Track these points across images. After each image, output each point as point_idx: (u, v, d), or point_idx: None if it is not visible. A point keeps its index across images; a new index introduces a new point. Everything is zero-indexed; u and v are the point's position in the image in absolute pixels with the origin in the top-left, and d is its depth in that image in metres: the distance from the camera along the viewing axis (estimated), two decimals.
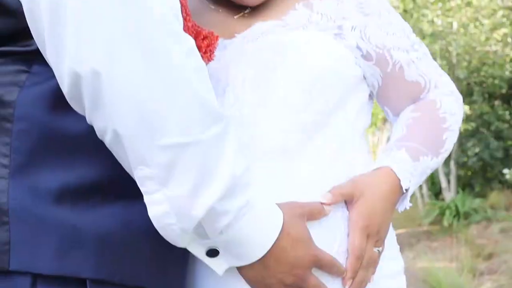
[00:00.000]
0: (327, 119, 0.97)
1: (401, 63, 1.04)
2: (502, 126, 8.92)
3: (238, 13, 1.06)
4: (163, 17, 0.64)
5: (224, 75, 0.98)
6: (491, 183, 9.01)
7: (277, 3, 1.05)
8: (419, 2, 7.92)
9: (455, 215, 8.00)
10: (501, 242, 6.91)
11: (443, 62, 8.46)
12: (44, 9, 0.62)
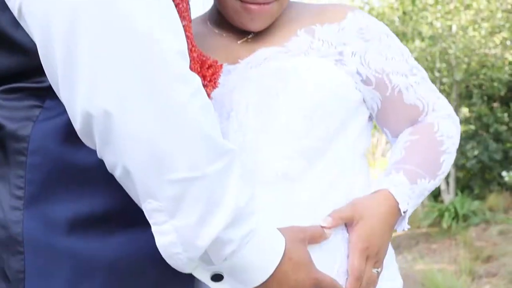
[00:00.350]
0: (328, 145, 1.00)
1: (400, 87, 1.07)
2: (501, 128, 8.94)
3: (241, 38, 1.09)
4: (171, 60, 0.66)
5: (228, 100, 1.01)
6: (490, 185, 9.01)
7: (279, 29, 1.08)
8: (418, 4, 7.93)
9: (454, 217, 8.02)
10: (499, 244, 6.93)
11: (443, 65, 8.48)
12: (58, 52, 0.65)
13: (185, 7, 0.83)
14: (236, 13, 1.04)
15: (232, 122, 0.99)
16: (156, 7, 0.67)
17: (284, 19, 1.09)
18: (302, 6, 1.13)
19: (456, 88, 8.58)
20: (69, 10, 0.63)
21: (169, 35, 0.67)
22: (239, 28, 1.07)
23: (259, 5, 1.02)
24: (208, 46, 1.08)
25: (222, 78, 0.99)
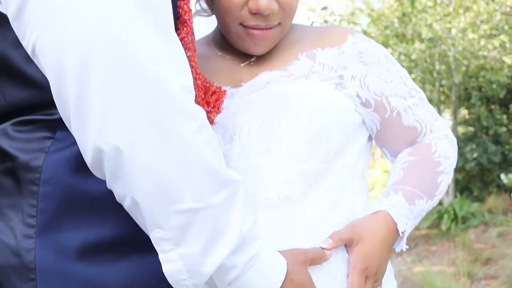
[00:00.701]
0: (328, 167, 1.03)
1: (398, 109, 1.10)
2: (500, 130, 8.96)
3: (244, 61, 1.12)
4: (177, 97, 0.69)
5: (232, 123, 1.04)
6: (489, 187, 9.03)
7: (281, 53, 1.11)
8: (418, 6, 7.95)
9: (453, 219, 8.05)
10: (498, 247, 6.96)
11: (442, 67, 8.50)
12: (71, 91, 0.68)
13: (190, 38, 0.86)
14: (239, 37, 1.06)
15: (235, 146, 1.02)
16: (163, 47, 0.70)
17: (286, 42, 1.12)
18: (303, 29, 1.16)
19: (455, 90, 8.60)
20: (82, 52, 0.66)
21: (176, 73, 0.70)
22: (242, 51, 1.10)
23: (261, 30, 1.04)
24: (212, 68, 1.11)
25: (226, 101, 1.02)
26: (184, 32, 0.83)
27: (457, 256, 7.02)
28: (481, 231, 7.71)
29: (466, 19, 8.13)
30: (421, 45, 8.17)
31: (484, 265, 6.51)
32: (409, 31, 8.09)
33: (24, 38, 0.70)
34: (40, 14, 0.67)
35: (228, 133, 1.03)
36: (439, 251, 7.52)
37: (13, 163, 0.76)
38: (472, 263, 6.57)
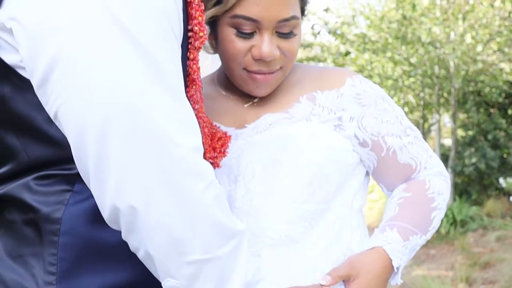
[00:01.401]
0: (327, 206, 1.09)
1: (394, 148, 1.16)
2: (499, 135, 9.00)
3: (247, 101, 1.18)
4: (188, 159, 0.75)
5: (236, 164, 1.10)
6: (487, 191, 9.07)
7: (283, 94, 1.17)
8: (418, 10, 8.00)
9: (452, 222, 8.09)
10: (497, 251, 7.00)
11: (441, 71, 8.55)
12: (91, 154, 0.74)
13: (199, 95, 0.92)
14: (243, 80, 1.12)
15: (240, 187, 1.08)
16: (174, 111, 0.75)
17: (287, 83, 1.18)
18: (303, 69, 1.22)
19: (454, 94, 8.66)
20: (101, 120, 0.72)
21: (186, 135, 0.76)
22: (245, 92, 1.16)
23: (264, 75, 1.10)
24: (217, 108, 1.17)
25: (230, 142, 1.08)
26: (193, 90, 0.89)
27: (456, 260, 7.08)
28: (480, 235, 7.76)
29: (465, 24, 8.18)
30: (421, 49, 8.22)
31: (482, 270, 6.56)
32: (409, 35, 8.14)
33: (47, 104, 0.76)
34: (62, 85, 0.73)
35: (232, 173, 1.09)
36: (438, 254, 7.57)
37: (35, 215, 0.82)
38: (470, 267, 6.62)
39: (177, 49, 0.81)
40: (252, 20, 1.05)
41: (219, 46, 1.12)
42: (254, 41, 1.07)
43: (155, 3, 0.75)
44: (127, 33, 0.72)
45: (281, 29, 1.08)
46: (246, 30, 1.06)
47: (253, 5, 1.04)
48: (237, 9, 1.05)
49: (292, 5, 1.07)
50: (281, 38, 1.09)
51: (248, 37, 1.07)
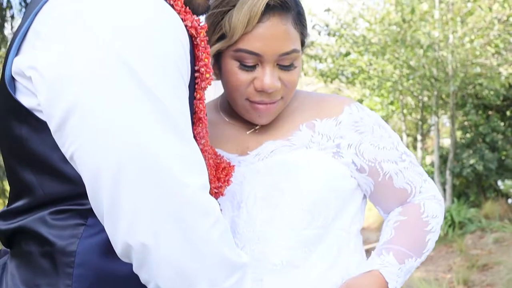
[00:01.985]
0: (326, 231, 1.14)
1: (390, 174, 1.21)
2: (497, 137, 9.04)
3: (250, 128, 1.23)
4: (195, 198, 0.80)
5: (239, 190, 1.14)
6: (486, 193, 9.12)
7: (283, 122, 1.21)
8: (417, 14, 8.04)
9: (450, 224, 8.14)
10: (495, 253, 7.05)
11: (440, 74, 8.60)
12: (105, 194, 0.78)
13: (205, 131, 0.97)
14: (245, 110, 1.17)
15: (243, 213, 1.13)
16: (182, 153, 0.80)
17: (288, 110, 1.23)
18: (304, 97, 1.26)
19: (453, 97, 8.70)
20: (114, 164, 0.77)
21: (194, 175, 0.81)
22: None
23: (265, 105, 1.15)
24: (220, 135, 1.22)
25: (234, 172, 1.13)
26: (200, 128, 0.94)
27: (454, 262, 7.13)
28: (478, 236, 7.81)
29: (464, 29, 8.22)
30: (420, 51, 8.27)
31: (480, 272, 6.61)
32: (408, 38, 8.19)
33: (63, 147, 0.81)
34: (78, 131, 0.78)
35: (235, 200, 1.14)
36: (436, 256, 7.62)
37: (51, 248, 0.86)
38: (468, 269, 6.67)
39: (185, 92, 0.86)
40: (255, 54, 1.10)
41: (222, 77, 1.17)
42: (256, 73, 1.12)
43: (165, 52, 0.80)
44: (139, 82, 0.77)
45: (282, 61, 1.12)
46: (248, 63, 1.11)
47: (255, 40, 1.09)
48: (240, 44, 1.10)
49: (293, 40, 1.12)
50: (282, 70, 1.13)
51: (250, 69, 1.12)
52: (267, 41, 1.09)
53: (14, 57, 0.84)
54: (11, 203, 0.94)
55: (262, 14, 1.09)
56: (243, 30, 1.09)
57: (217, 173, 1.05)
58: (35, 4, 0.85)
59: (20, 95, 0.84)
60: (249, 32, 1.09)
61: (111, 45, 0.77)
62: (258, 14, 1.08)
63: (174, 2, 0.89)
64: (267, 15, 1.09)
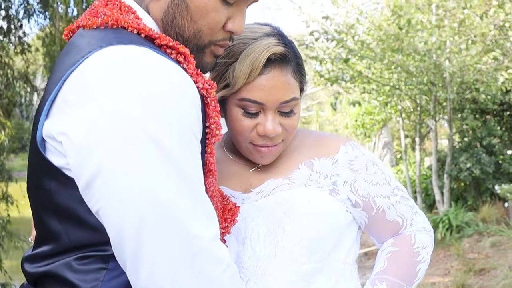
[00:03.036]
0: (324, 264, 1.24)
1: (383, 208, 1.30)
2: (494, 141, 9.13)
3: (253, 167, 1.33)
4: (208, 248, 0.90)
5: (243, 227, 1.24)
6: (483, 196, 9.20)
7: (284, 160, 1.31)
8: (414, 25, 8.12)
9: (448, 228, 8.22)
10: (491, 257, 7.14)
11: (437, 79, 8.68)
12: (128, 246, 0.88)
13: (214, 180, 1.06)
14: (248, 152, 1.27)
15: (247, 249, 1.23)
16: (196, 207, 0.90)
17: (288, 150, 1.33)
18: (303, 135, 1.36)
19: (450, 103, 8.80)
20: (137, 219, 0.86)
21: (206, 226, 0.91)
22: None
23: (267, 148, 1.25)
24: (226, 172, 1.32)
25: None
26: (210, 179, 1.04)
27: (452, 266, 7.23)
28: (475, 240, 7.89)
29: (460, 35, 8.31)
30: (417, 57, 8.36)
31: (477, 276, 6.71)
32: (405, 44, 8.28)
33: (90, 203, 0.91)
34: (104, 191, 0.87)
35: (240, 235, 1.24)
36: (434, 260, 7.71)
37: None
38: (465, 273, 6.76)
39: (198, 149, 0.95)
40: (258, 103, 1.20)
41: (227, 120, 1.27)
42: (259, 119, 1.22)
43: (181, 117, 0.90)
44: (158, 147, 0.87)
45: (282, 109, 1.22)
46: (252, 110, 1.21)
47: (258, 90, 1.19)
48: (244, 93, 1.20)
49: (292, 89, 1.22)
50: (282, 116, 1.23)
51: (253, 116, 1.22)
52: (269, 91, 1.19)
53: (45, 120, 0.94)
54: (37, 247, 1.03)
55: (263, 67, 1.19)
56: (244, 81, 1.19)
57: (224, 214, 1.15)
58: (62, 71, 0.95)
59: (50, 154, 0.94)
60: (251, 83, 1.19)
61: (132, 113, 0.87)
62: (259, 67, 1.18)
63: (187, 66, 0.99)
64: (268, 67, 1.19)
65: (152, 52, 0.93)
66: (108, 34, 0.96)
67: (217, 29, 1.06)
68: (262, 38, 1.21)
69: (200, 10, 1.03)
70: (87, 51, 0.93)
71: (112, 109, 0.87)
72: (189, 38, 1.05)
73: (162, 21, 1.05)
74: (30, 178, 1.03)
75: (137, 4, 1.06)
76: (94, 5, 1.06)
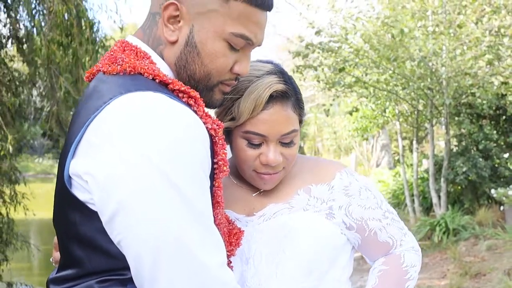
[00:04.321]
0: (320, 282, 1.35)
1: (375, 230, 1.42)
2: (490, 145, 9.23)
3: (255, 191, 1.44)
4: (217, 275, 1.01)
5: (247, 247, 1.36)
6: (479, 200, 9.28)
7: (284, 186, 1.43)
8: (406, 30, 8.22)
9: (445, 231, 8.32)
10: (487, 260, 7.24)
11: (434, 85, 8.79)
12: (146, 273, 0.99)
13: (221, 210, 1.18)
14: (252, 178, 1.39)
15: (250, 268, 1.34)
16: (206, 241, 1.01)
17: (288, 176, 1.44)
18: (302, 162, 1.48)
19: (446, 108, 8.90)
20: (154, 250, 0.98)
21: (215, 255, 1.02)
22: None
23: (270, 175, 1.37)
24: (231, 197, 1.43)
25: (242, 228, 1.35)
26: (217, 210, 1.15)
27: (448, 269, 7.34)
28: (472, 243, 7.99)
29: (455, 41, 8.42)
30: (413, 62, 8.46)
31: (473, 279, 6.81)
32: (399, 51, 8.37)
33: (111, 234, 1.02)
34: (124, 226, 0.99)
35: (244, 255, 1.36)
36: (431, 263, 7.81)
37: None
38: (462, 276, 6.88)
39: (207, 184, 1.07)
40: (261, 135, 1.32)
41: (232, 150, 1.38)
42: (262, 150, 1.34)
43: (193, 158, 1.01)
44: (172, 186, 0.98)
45: (283, 140, 1.34)
46: (255, 142, 1.33)
47: (261, 124, 1.31)
48: (248, 126, 1.32)
49: (292, 122, 1.34)
50: (283, 146, 1.35)
51: (257, 147, 1.34)
52: (271, 124, 1.32)
53: (71, 160, 1.06)
54: (61, 270, 1.15)
55: (266, 103, 1.31)
56: (248, 115, 1.31)
57: (229, 238, 1.27)
58: (86, 115, 1.06)
59: (76, 190, 1.05)
60: (255, 117, 1.31)
61: (150, 156, 0.98)
62: (262, 103, 1.30)
63: (197, 108, 1.11)
64: (270, 103, 1.32)
65: (166, 98, 1.04)
66: (126, 81, 1.07)
67: (225, 72, 1.17)
68: (264, 76, 1.33)
69: (210, 56, 1.14)
70: (108, 98, 1.05)
71: (132, 154, 0.98)
72: (200, 80, 1.17)
73: (175, 65, 1.16)
74: (56, 209, 1.14)
75: (151, 50, 1.17)
76: (112, 51, 1.17)
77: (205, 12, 1.13)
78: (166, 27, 1.14)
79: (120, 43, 1.18)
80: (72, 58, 5.58)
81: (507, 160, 9.42)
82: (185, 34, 1.14)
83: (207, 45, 1.14)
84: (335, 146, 23.04)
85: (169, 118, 1.02)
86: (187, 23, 1.13)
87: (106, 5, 12.68)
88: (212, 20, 1.13)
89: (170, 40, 1.15)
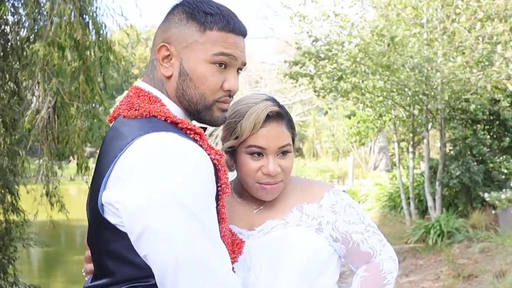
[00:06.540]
0: (312, 286, 1.58)
1: (357, 242, 1.64)
2: (484, 149, 9.41)
3: (256, 208, 1.66)
4: (225, 281, 1.21)
5: (248, 258, 1.58)
6: (473, 203, 9.44)
7: (280, 204, 1.65)
8: (397, 39, 8.39)
9: (439, 234, 8.49)
10: (480, 262, 7.39)
11: (428, 90, 8.97)
12: (169, 284, 1.20)
13: (226, 225, 1.40)
14: (256, 190, 1.61)
15: (251, 276, 1.56)
16: (215, 253, 1.21)
17: (284, 195, 1.66)
18: (295, 181, 1.70)
19: (441, 112, 9.09)
20: (174, 263, 1.18)
21: (222, 264, 1.23)
22: (255, 197, 1.64)
23: (271, 185, 1.60)
24: (234, 213, 1.65)
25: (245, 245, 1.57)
26: (222, 225, 1.36)
27: (441, 271, 7.53)
28: (465, 246, 8.14)
29: (448, 47, 8.60)
30: (410, 67, 8.65)
31: (466, 281, 6.99)
32: (392, 59, 8.55)
33: (138, 250, 1.23)
34: (149, 244, 1.19)
35: (246, 264, 1.58)
36: (425, 265, 7.99)
37: None
38: (455, 278, 7.05)
39: (214, 205, 1.28)
40: (261, 147, 1.56)
41: (237, 166, 1.61)
42: (263, 161, 1.57)
43: (203, 187, 1.23)
44: (188, 211, 1.19)
45: (280, 151, 1.58)
46: (256, 152, 1.57)
47: (260, 138, 1.56)
48: (250, 141, 1.56)
49: (287, 137, 1.59)
50: (280, 158, 1.59)
51: (258, 158, 1.57)
52: (269, 139, 1.56)
53: (103, 191, 1.28)
54: (95, 280, 1.34)
55: (264, 121, 1.55)
56: (250, 132, 1.55)
57: (233, 247, 1.49)
58: (113, 154, 1.28)
59: (108, 215, 1.27)
60: (255, 133, 1.56)
61: (169, 187, 1.20)
62: (261, 122, 1.55)
63: (202, 142, 1.33)
64: (267, 121, 1.56)
65: (177, 137, 1.25)
66: (144, 124, 1.29)
67: (216, 90, 1.37)
68: (261, 102, 1.59)
69: (200, 79, 1.35)
70: (130, 139, 1.26)
71: (152, 184, 1.20)
72: (198, 102, 1.37)
73: (176, 97, 1.37)
74: (91, 230, 1.36)
75: (160, 92, 1.38)
76: (129, 96, 1.39)
77: (188, 45, 1.35)
78: (162, 66, 1.37)
79: (134, 89, 1.40)
80: (79, 62, 5.46)
81: (500, 164, 9.60)
82: (177, 67, 1.36)
83: (196, 70, 1.35)
84: (333, 148, 23.29)
85: (182, 155, 1.23)
86: (177, 58, 1.36)
87: (113, 8, 13.14)
88: (195, 49, 1.35)
89: (166, 75, 1.36)
